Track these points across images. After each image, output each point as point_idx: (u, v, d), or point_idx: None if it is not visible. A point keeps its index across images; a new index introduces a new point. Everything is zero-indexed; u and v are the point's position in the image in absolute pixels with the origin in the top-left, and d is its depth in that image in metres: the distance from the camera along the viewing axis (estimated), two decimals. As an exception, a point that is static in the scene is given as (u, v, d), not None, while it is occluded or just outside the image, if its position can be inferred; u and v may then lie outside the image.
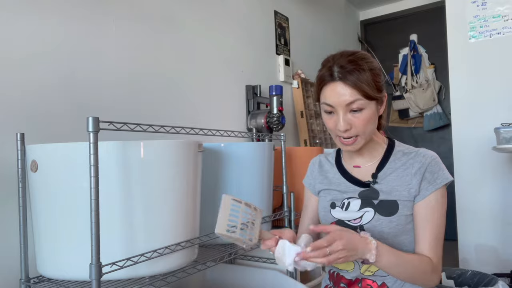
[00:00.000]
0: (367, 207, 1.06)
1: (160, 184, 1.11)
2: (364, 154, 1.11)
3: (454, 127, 2.51)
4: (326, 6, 3.41)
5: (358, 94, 0.97)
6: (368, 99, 0.98)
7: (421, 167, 1.03)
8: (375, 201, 1.06)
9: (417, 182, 1.03)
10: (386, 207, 1.04)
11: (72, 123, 1.43)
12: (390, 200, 1.05)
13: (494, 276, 1.52)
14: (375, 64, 1.02)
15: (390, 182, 1.06)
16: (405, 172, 1.05)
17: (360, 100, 0.98)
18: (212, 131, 1.36)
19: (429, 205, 1.02)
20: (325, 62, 1.05)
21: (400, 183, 1.05)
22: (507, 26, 2.35)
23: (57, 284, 1.14)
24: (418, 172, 1.03)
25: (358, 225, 1.06)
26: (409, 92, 3.65)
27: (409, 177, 1.04)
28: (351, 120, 0.99)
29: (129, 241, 1.05)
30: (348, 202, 1.10)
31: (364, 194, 1.08)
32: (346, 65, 0.98)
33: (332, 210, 1.13)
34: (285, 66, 2.68)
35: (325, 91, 1.01)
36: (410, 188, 1.04)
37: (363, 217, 1.06)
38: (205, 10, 2.11)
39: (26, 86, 1.33)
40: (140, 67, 1.73)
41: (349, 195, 1.10)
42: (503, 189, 2.35)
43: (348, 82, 0.97)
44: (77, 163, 1.00)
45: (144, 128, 1.10)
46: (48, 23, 1.41)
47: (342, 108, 0.99)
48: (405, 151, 1.09)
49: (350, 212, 1.09)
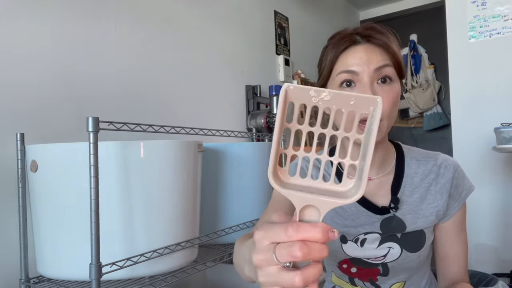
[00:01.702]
0: (389, 242, 0.85)
1: (160, 184, 1.10)
2: (375, 162, 0.86)
3: (454, 127, 2.51)
4: (326, 6, 3.41)
5: (389, 58, 0.77)
6: (398, 70, 0.79)
7: (446, 183, 0.85)
8: (398, 234, 0.85)
9: (444, 203, 0.85)
10: (414, 241, 0.85)
11: (72, 123, 1.43)
12: (417, 231, 0.85)
13: (494, 276, 1.52)
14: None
15: (413, 206, 0.85)
16: (429, 191, 0.86)
17: (390, 66, 0.77)
18: (212, 131, 1.36)
19: (457, 223, 0.87)
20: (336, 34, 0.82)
21: (425, 206, 0.85)
22: (507, 26, 2.35)
23: (57, 284, 1.14)
24: (444, 189, 0.85)
25: (380, 263, 0.87)
26: (409, 92, 3.65)
27: (433, 197, 0.85)
28: (378, 93, 0.76)
29: (129, 241, 1.05)
30: (364, 238, 0.86)
31: (387, 229, 0.85)
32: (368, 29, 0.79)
33: (343, 245, 0.88)
34: (285, 66, 2.68)
35: (345, 57, 0.78)
36: (438, 211, 0.85)
37: (388, 255, 0.85)
38: (205, 10, 2.11)
39: (26, 86, 1.33)
40: (140, 67, 1.73)
41: (367, 230, 0.86)
42: (503, 189, 2.35)
43: (377, 42, 0.77)
44: (77, 163, 1.00)
45: (144, 128, 1.10)
46: (48, 23, 1.41)
47: (368, 75, 0.75)
48: (418, 158, 0.89)
49: (368, 250, 0.86)
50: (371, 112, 0.40)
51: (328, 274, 1.01)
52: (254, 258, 0.41)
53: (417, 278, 0.92)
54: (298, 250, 0.38)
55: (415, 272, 0.90)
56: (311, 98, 0.40)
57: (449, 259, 0.87)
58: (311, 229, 0.39)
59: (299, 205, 0.41)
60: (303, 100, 0.41)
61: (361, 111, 0.40)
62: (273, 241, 0.40)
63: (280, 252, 0.39)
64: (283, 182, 0.43)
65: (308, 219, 0.42)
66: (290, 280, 0.39)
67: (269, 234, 0.40)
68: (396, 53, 0.78)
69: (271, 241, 0.40)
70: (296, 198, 0.41)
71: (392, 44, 0.78)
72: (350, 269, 0.92)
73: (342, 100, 0.40)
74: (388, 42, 0.77)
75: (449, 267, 0.87)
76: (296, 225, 0.39)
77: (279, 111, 0.40)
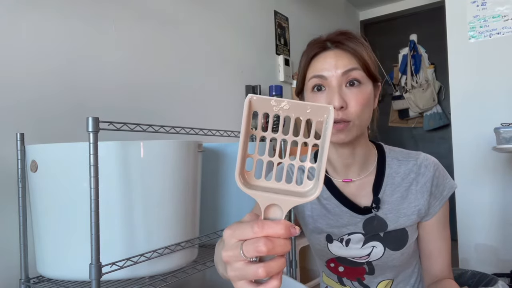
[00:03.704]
0: (373, 241, 0.88)
1: (160, 184, 1.10)
2: (356, 163, 0.88)
3: (454, 127, 2.51)
4: (326, 6, 3.41)
5: (356, 62, 0.80)
6: (367, 73, 0.81)
7: (426, 182, 0.87)
8: (381, 233, 0.88)
9: (425, 202, 0.87)
10: (396, 239, 0.88)
11: (72, 123, 1.43)
12: (399, 229, 0.88)
13: (494, 276, 1.52)
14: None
15: (394, 205, 0.88)
16: (409, 190, 0.88)
17: (358, 69, 0.80)
18: (212, 131, 1.36)
19: (440, 221, 0.89)
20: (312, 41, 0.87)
21: (406, 205, 0.87)
22: (507, 26, 2.35)
23: (57, 284, 1.14)
24: (424, 188, 0.87)
25: (365, 262, 0.91)
26: (409, 92, 3.65)
27: (414, 196, 0.87)
28: (347, 96, 0.79)
29: (129, 241, 1.05)
30: (348, 239, 0.90)
31: (370, 229, 0.88)
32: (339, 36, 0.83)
33: (329, 244, 0.92)
34: (285, 66, 2.68)
35: (315, 63, 0.82)
36: (419, 210, 0.87)
37: (372, 254, 0.89)
38: (205, 10, 2.11)
39: (26, 86, 1.33)
40: (140, 67, 1.73)
41: (350, 230, 0.89)
42: (503, 189, 2.35)
43: (345, 48, 0.80)
44: (77, 163, 1.00)
45: (144, 128, 1.10)
46: (48, 24, 1.41)
47: (336, 79, 0.79)
48: (399, 158, 0.91)
49: (353, 249, 0.90)
50: (325, 119, 0.45)
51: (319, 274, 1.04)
52: (223, 254, 0.45)
53: (405, 276, 0.95)
54: (263, 245, 0.42)
55: (402, 270, 0.93)
56: (272, 107, 0.45)
57: (433, 256, 0.90)
58: (275, 226, 0.43)
59: (264, 204, 0.46)
60: (266, 109, 0.46)
61: (316, 119, 0.45)
62: (240, 238, 0.44)
63: (247, 248, 0.43)
64: (249, 183, 0.48)
65: (273, 217, 0.46)
66: (255, 272, 0.43)
67: (236, 232, 0.44)
68: (364, 57, 0.81)
69: (239, 238, 0.44)
70: (260, 198, 0.46)
71: (361, 48, 0.81)
72: (337, 268, 0.95)
73: (300, 109, 0.45)
74: (356, 47, 0.81)
75: (433, 264, 0.90)
76: (261, 222, 0.43)
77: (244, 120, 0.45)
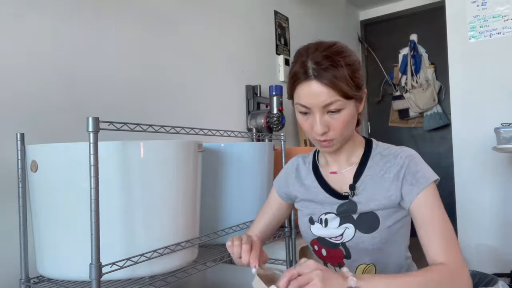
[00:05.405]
0: (346, 223, 0.98)
1: (160, 184, 1.10)
2: (341, 158, 1.01)
3: (454, 127, 2.51)
4: (326, 6, 3.41)
5: (336, 94, 0.87)
6: (347, 98, 0.89)
7: (399, 171, 0.94)
8: (354, 215, 0.97)
9: (397, 188, 0.93)
10: (367, 222, 0.95)
11: (72, 123, 1.43)
12: (369, 212, 0.95)
13: (494, 276, 1.52)
14: (353, 57, 0.93)
15: (368, 190, 0.96)
16: (383, 178, 0.95)
17: (338, 101, 0.88)
18: (212, 131, 1.36)
19: (423, 205, 0.91)
20: (298, 55, 0.94)
21: (378, 190, 0.95)
22: (507, 26, 2.35)
23: (57, 284, 1.14)
24: (397, 176, 0.93)
25: (340, 242, 0.99)
26: (409, 92, 3.65)
27: (387, 183, 0.94)
28: (328, 122, 0.90)
29: (129, 241, 1.05)
30: (325, 218, 1.00)
31: (342, 210, 0.98)
32: (322, 61, 0.88)
33: (311, 226, 1.03)
34: (285, 66, 2.68)
35: (299, 91, 0.91)
36: (391, 196, 0.94)
37: (344, 235, 0.98)
38: (205, 10, 2.11)
39: (26, 86, 1.33)
40: (140, 67, 1.73)
41: (327, 210, 1.01)
42: (503, 189, 2.35)
43: (324, 81, 0.87)
44: (77, 163, 1.00)
45: (144, 128, 1.10)
46: (48, 23, 1.41)
47: (319, 110, 0.89)
48: (383, 153, 0.99)
49: (330, 229, 1.00)
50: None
51: None
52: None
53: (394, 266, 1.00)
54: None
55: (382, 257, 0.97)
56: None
57: (423, 240, 0.91)
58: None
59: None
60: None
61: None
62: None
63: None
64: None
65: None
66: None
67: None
68: (342, 87, 0.87)
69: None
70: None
71: (340, 74, 0.87)
72: (320, 251, 1.04)
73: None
74: (334, 80, 0.87)
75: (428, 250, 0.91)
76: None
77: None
